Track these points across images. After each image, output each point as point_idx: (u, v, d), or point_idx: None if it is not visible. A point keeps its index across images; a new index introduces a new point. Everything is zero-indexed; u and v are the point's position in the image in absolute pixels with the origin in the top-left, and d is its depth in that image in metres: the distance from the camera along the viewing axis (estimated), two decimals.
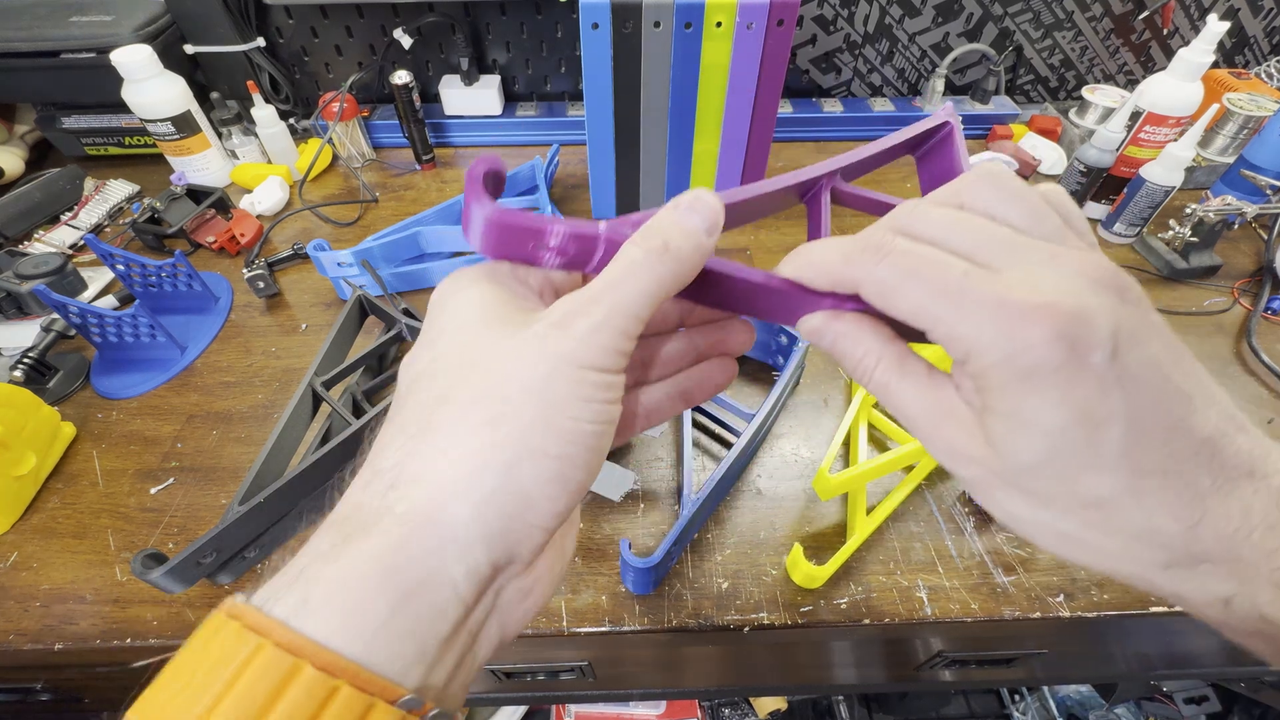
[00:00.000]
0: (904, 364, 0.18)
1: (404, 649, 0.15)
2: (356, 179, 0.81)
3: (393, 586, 0.15)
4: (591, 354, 0.17)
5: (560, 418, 0.16)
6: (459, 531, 0.16)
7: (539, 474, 0.16)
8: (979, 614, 0.42)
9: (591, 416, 0.17)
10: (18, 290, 0.59)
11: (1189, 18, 0.84)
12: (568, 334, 0.17)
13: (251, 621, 0.14)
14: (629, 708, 1.02)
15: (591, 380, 0.17)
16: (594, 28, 0.58)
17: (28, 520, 0.47)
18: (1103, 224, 0.72)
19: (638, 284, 0.17)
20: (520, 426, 0.16)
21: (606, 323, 0.17)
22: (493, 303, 0.18)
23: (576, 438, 0.17)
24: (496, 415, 0.16)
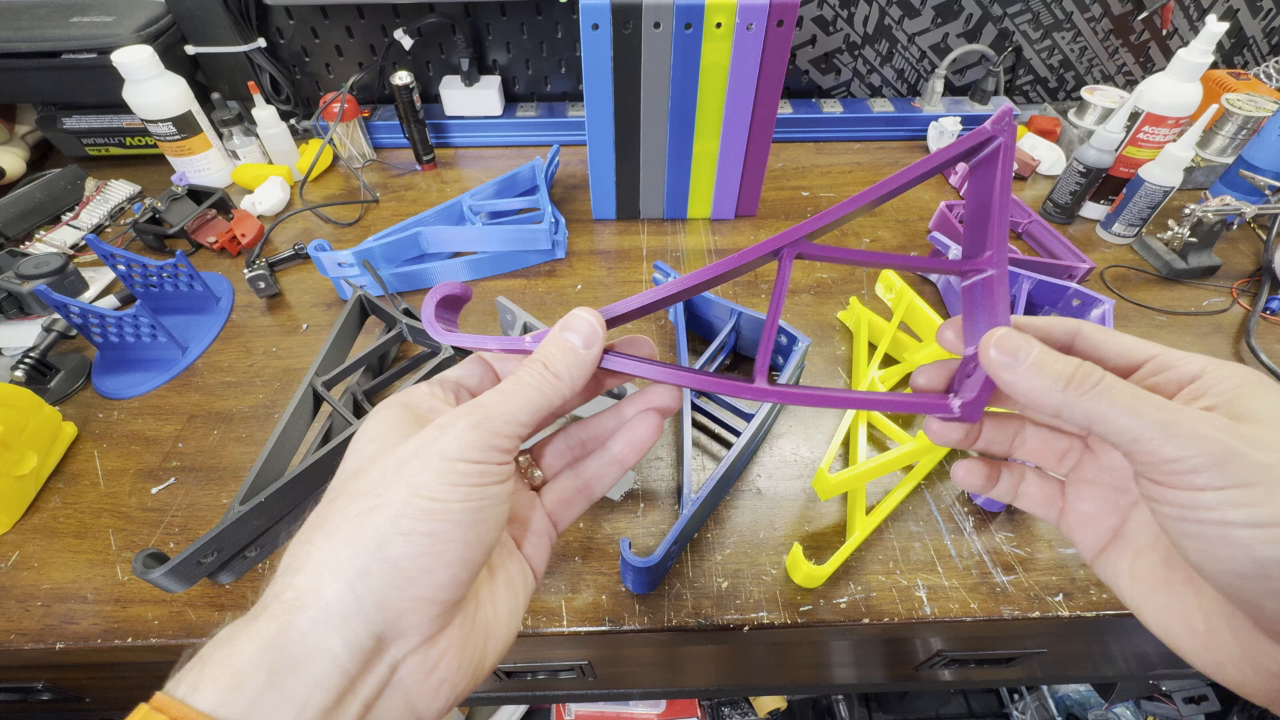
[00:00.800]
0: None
1: (280, 714, 0.17)
2: (357, 179, 0.81)
3: (269, 660, 0.17)
4: (460, 448, 0.20)
5: (424, 501, 0.19)
6: (334, 607, 0.18)
7: (408, 549, 0.18)
8: (978, 613, 0.42)
9: (459, 496, 0.19)
10: (19, 290, 0.59)
11: (1188, 18, 0.84)
12: (442, 435, 0.20)
13: (157, 703, 0.17)
14: (629, 707, 1.02)
15: (459, 470, 0.19)
16: (594, 28, 0.58)
17: (29, 520, 0.47)
18: (1102, 224, 0.72)
19: (519, 396, 0.21)
20: (391, 512, 0.19)
21: (482, 425, 0.20)
22: (398, 420, 0.22)
23: (443, 516, 0.19)
24: (371, 506, 0.19)
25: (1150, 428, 0.17)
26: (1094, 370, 0.19)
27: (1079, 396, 0.19)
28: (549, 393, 0.22)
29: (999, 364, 0.20)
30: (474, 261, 0.67)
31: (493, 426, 0.20)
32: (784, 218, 0.75)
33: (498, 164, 0.85)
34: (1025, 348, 0.20)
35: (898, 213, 0.76)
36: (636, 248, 0.71)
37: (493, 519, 0.20)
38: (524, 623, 0.42)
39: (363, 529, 0.19)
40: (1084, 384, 0.19)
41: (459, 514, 0.19)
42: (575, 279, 0.67)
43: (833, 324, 0.61)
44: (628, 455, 0.26)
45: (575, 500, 0.27)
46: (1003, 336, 0.20)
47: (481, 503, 0.20)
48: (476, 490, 0.20)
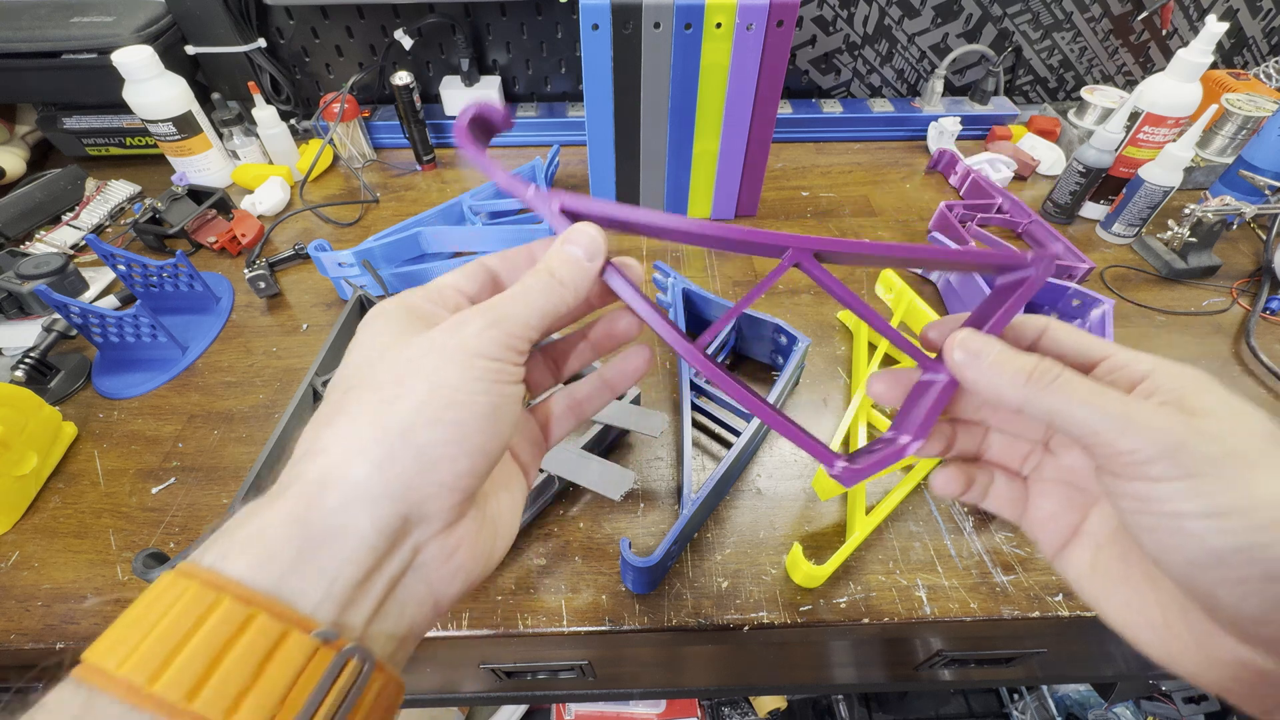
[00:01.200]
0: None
1: (312, 588, 0.17)
2: (357, 179, 0.81)
3: (299, 535, 0.17)
4: (481, 345, 0.20)
5: (450, 392, 0.19)
6: (362, 487, 0.18)
7: (434, 436, 0.19)
8: (978, 613, 0.42)
9: (482, 390, 0.20)
10: (19, 290, 0.59)
11: (1188, 18, 0.84)
12: (459, 331, 0.21)
13: (184, 569, 0.17)
14: (629, 707, 1.02)
15: (480, 365, 0.20)
16: (594, 29, 0.58)
17: (29, 520, 0.48)
18: (1101, 224, 0.72)
19: (527, 301, 0.22)
20: (415, 401, 0.19)
21: (495, 324, 0.21)
22: (402, 319, 0.22)
23: (468, 407, 0.19)
24: (393, 395, 0.19)
25: (1106, 420, 0.18)
26: (1053, 366, 0.20)
27: (1039, 391, 0.19)
28: (555, 299, 0.22)
29: (962, 364, 0.21)
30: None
31: (508, 327, 0.21)
32: (784, 218, 0.75)
33: (498, 164, 0.85)
34: (987, 347, 0.21)
35: (898, 213, 0.76)
36: (636, 248, 0.71)
37: (508, 416, 0.21)
38: (524, 622, 0.42)
39: (388, 414, 0.19)
40: (1043, 379, 0.19)
41: (481, 407, 0.20)
42: None
43: (833, 324, 0.61)
44: (617, 381, 0.27)
45: (565, 417, 0.27)
46: (965, 339, 0.21)
47: (500, 399, 0.20)
48: (496, 386, 0.20)
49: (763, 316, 0.53)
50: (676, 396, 0.54)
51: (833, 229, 0.73)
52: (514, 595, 0.43)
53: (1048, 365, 0.20)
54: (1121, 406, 0.18)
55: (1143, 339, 0.60)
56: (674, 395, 0.55)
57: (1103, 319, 0.55)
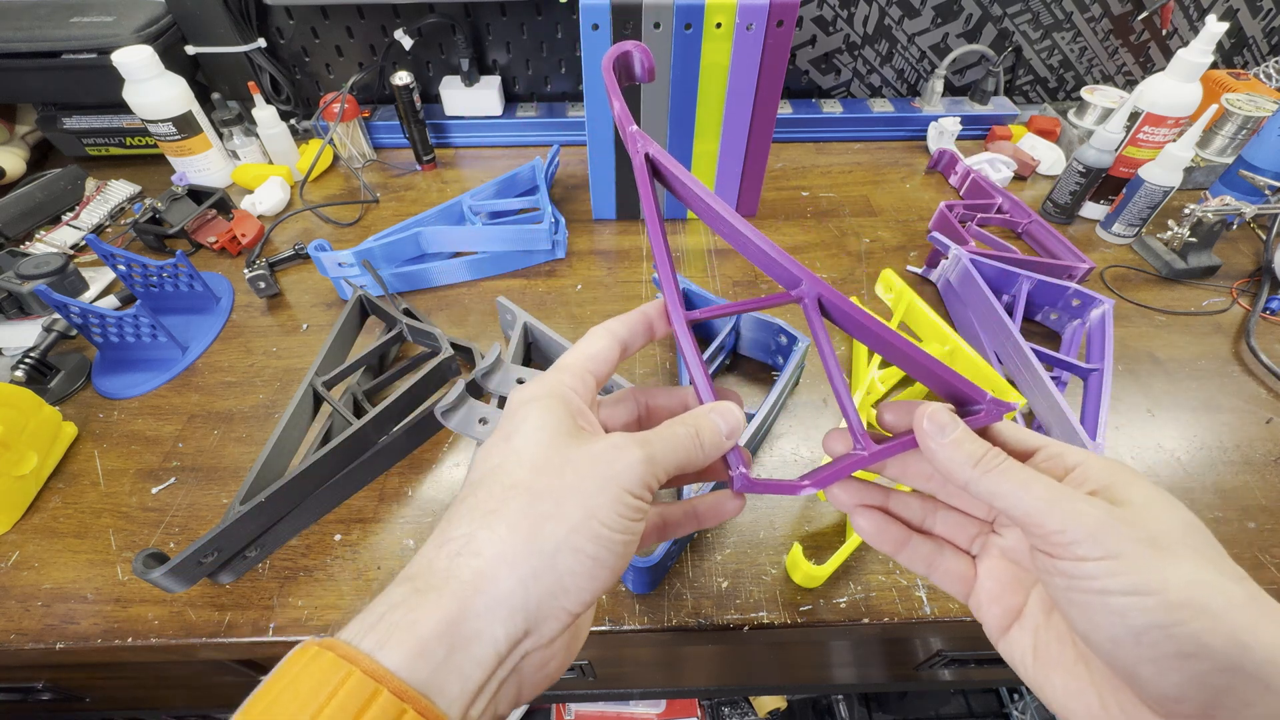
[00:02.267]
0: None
1: (452, 687, 0.18)
2: (357, 179, 0.81)
3: (450, 635, 0.19)
4: (632, 480, 0.21)
5: (598, 525, 0.20)
6: (505, 599, 0.20)
7: (574, 566, 0.20)
8: None
9: (622, 529, 0.21)
10: (19, 290, 0.59)
11: (1188, 18, 0.84)
12: (617, 459, 0.21)
13: (343, 653, 0.18)
14: (629, 706, 1.02)
15: (626, 501, 0.21)
16: (594, 29, 0.58)
17: (29, 520, 0.48)
18: (1101, 224, 0.72)
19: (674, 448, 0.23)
20: (567, 526, 0.20)
21: (650, 462, 0.22)
22: (562, 416, 0.23)
23: (608, 544, 0.20)
24: (550, 512, 0.20)
25: (1038, 503, 0.20)
26: (999, 454, 0.22)
27: (983, 474, 0.21)
28: (691, 457, 0.23)
29: (928, 433, 0.23)
30: (474, 261, 0.67)
31: (655, 469, 0.22)
32: (784, 218, 0.75)
33: (498, 164, 0.85)
34: (951, 426, 0.23)
35: (898, 213, 0.76)
36: (636, 248, 0.71)
37: (629, 555, 0.22)
38: None
39: (540, 533, 0.20)
40: (988, 464, 0.21)
41: (619, 545, 0.21)
42: (575, 279, 0.67)
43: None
44: (708, 519, 0.28)
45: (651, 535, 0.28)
46: (935, 411, 0.23)
47: (632, 538, 0.21)
48: (634, 524, 0.21)
49: (763, 317, 0.53)
50: None
51: (833, 229, 0.73)
52: None
53: (995, 453, 0.22)
54: (1052, 492, 0.20)
55: (1143, 339, 0.60)
56: None
57: (1103, 319, 0.55)
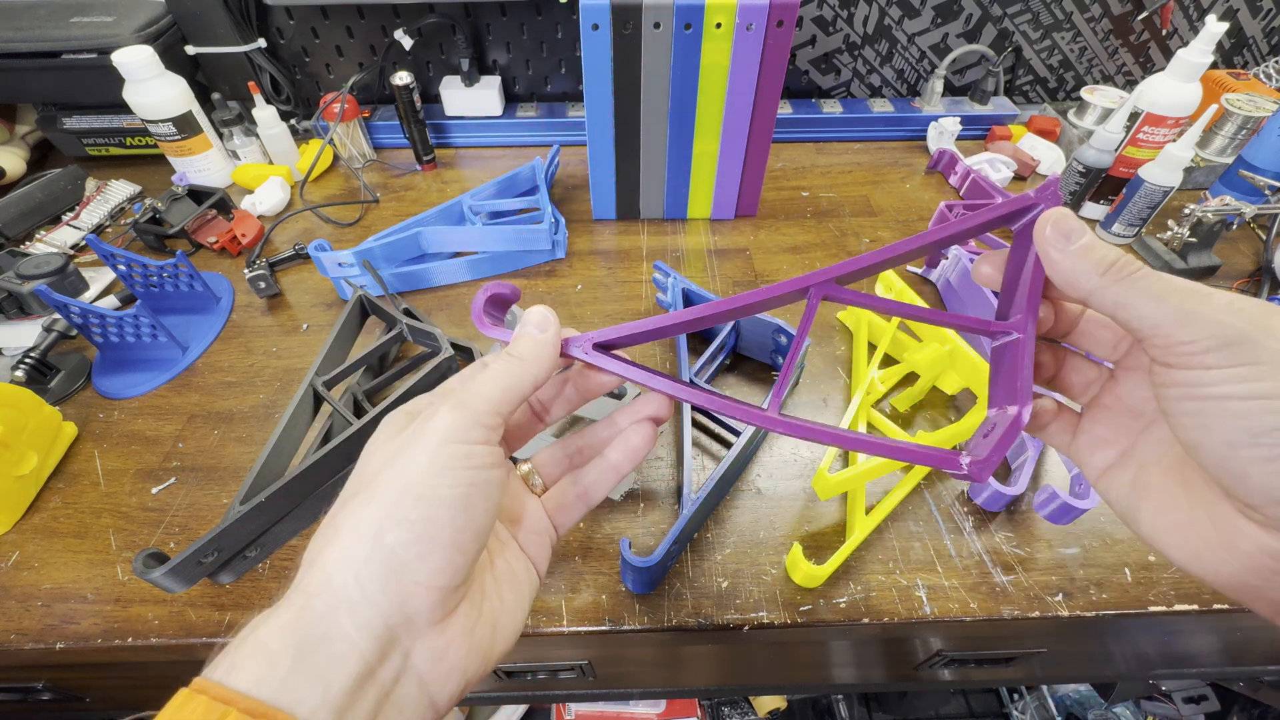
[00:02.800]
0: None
1: (310, 694, 0.18)
2: (357, 179, 0.81)
3: (295, 640, 0.19)
4: (447, 429, 0.21)
5: (418, 487, 0.20)
6: (342, 593, 0.19)
7: (402, 536, 0.20)
8: (978, 613, 0.42)
9: (449, 480, 0.21)
10: (19, 290, 0.59)
11: (1188, 18, 0.84)
12: (430, 421, 0.22)
13: (196, 686, 0.18)
14: (629, 707, 1.02)
15: (446, 452, 0.21)
16: (594, 29, 0.58)
17: (29, 520, 0.48)
18: (1101, 224, 0.72)
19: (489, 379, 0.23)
20: (386, 502, 0.20)
21: (459, 407, 0.22)
22: (398, 421, 0.24)
23: (435, 500, 0.20)
24: (368, 498, 0.21)
25: (1172, 313, 0.19)
26: (1133, 261, 0.20)
27: (1113, 283, 0.20)
28: (517, 372, 0.24)
29: (1051, 242, 0.21)
30: (474, 261, 0.67)
31: (471, 405, 0.22)
32: (784, 218, 0.75)
33: (498, 164, 0.85)
34: (1078, 232, 0.21)
35: (898, 213, 0.76)
36: (636, 248, 0.71)
37: (481, 505, 0.21)
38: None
39: (362, 521, 0.20)
40: (1121, 271, 0.20)
41: (448, 499, 0.20)
42: (575, 279, 0.67)
43: (833, 324, 0.61)
44: (623, 462, 0.28)
45: (574, 505, 0.28)
46: (1061, 218, 0.21)
47: (470, 488, 0.21)
48: (465, 474, 0.21)
49: (763, 316, 0.53)
50: None
51: (833, 229, 0.73)
52: None
53: (1128, 260, 0.20)
54: (1191, 303, 0.19)
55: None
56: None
57: None
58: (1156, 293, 0.19)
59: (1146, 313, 0.19)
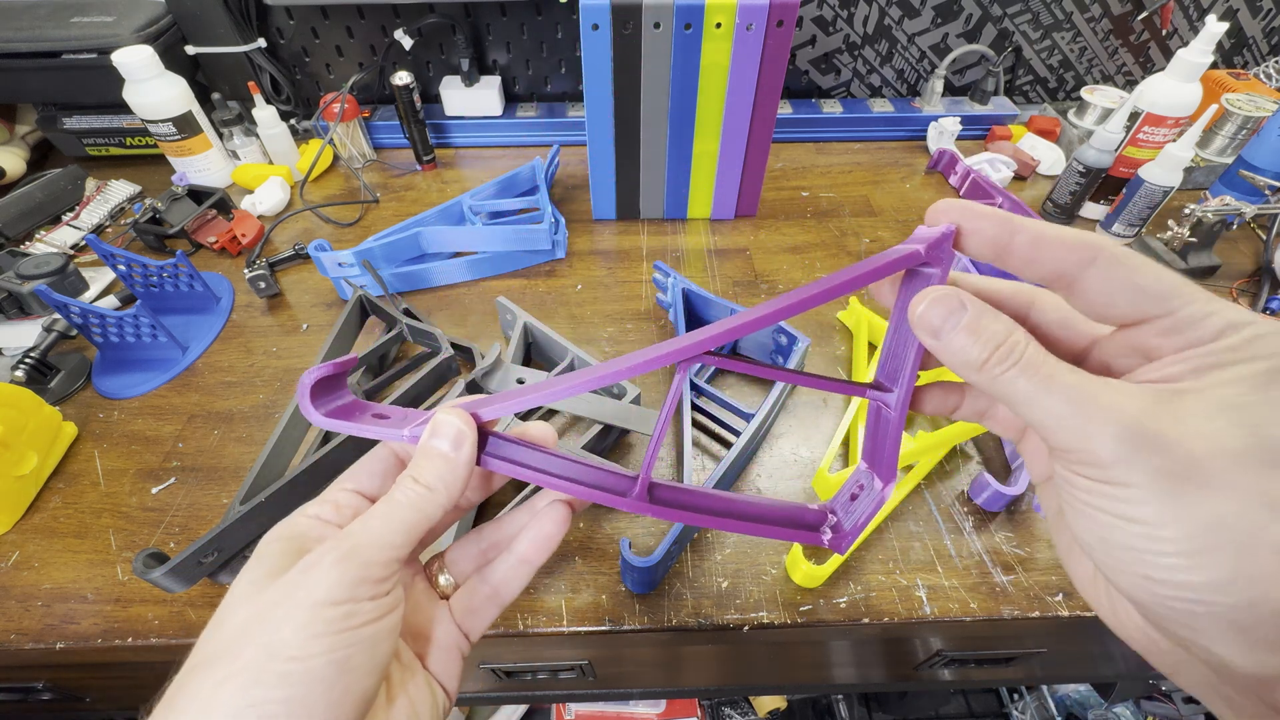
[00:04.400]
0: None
1: None
2: (357, 179, 0.81)
3: None
4: (327, 589, 0.18)
5: (281, 663, 0.17)
6: None
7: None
8: (978, 613, 0.42)
9: (323, 650, 0.18)
10: (19, 290, 0.59)
11: (1188, 18, 0.84)
12: (308, 575, 0.19)
13: None
14: (629, 707, 1.02)
15: (325, 615, 0.18)
16: (594, 29, 0.58)
17: (29, 520, 0.48)
18: (1101, 224, 0.72)
19: (391, 518, 0.20)
20: (241, 681, 0.17)
21: (345, 559, 0.19)
22: (272, 558, 0.20)
23: (303, 676, 0.17)
24: (224, 677, 0.17)
25: (1053, 416, 0.17)
26: (1018, 346, 0.17)
27: (990, 380, 0.18)
28: (425, 508, 0.20)
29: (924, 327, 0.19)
30: (474, 261, 0.67)
31: (363, 556, 0.19)
32: (784, 218, 0.75)
33: (498, 164, 0.85)
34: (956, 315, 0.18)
35: (898, 213, 0.76)
36: (636, 248, 0.71)
37: (365, 666, 0.19)
38: (524, 622, 0.42)
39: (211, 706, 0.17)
40: (1001, 364, 0.17)
41: (323, 670, 0.17)
42: (575, 279, 0.67)
43: (832, 324, 0.61)
44: (533, 554, 0.25)
45: (485, 608, 0.25)
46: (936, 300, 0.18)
47: (350, 650, 0.18)
48: (344, 637, 0.18)
49: None
50: None
51: (833, 229, 0.73)
52: None
53: (1011, 346, 0.17)
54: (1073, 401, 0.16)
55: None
56: None
57: None
58: (1037, 386, 0.17)
59: (1027, 409, 0.17)
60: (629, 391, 0.49)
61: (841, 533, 0.23)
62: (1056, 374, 0.17)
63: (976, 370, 0.18)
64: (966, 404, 0.23)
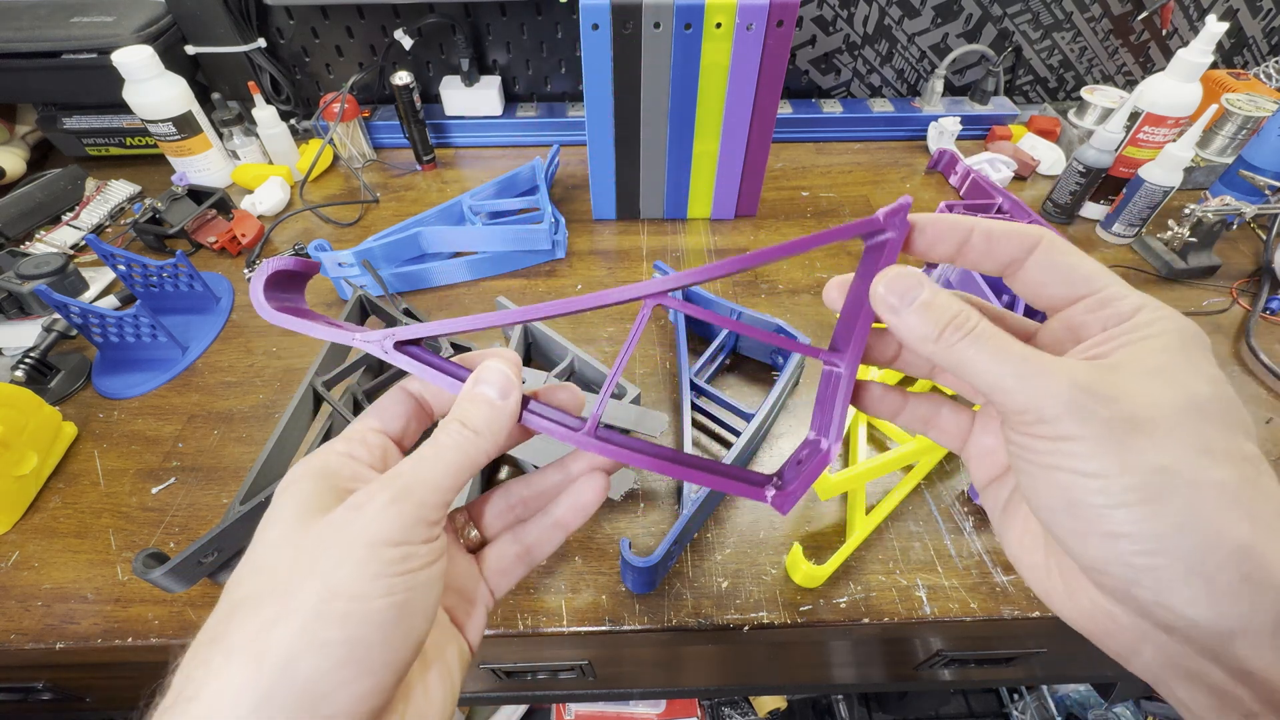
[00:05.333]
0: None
1: None
2: (357, 179, 0.81)
3: None
4: (384, 529, 0.18)
5: (343, 604, 0.17)
6: None
7: (322, 664, 0.16)
8: (978, 613, 0.42)
9: (383, 590, 0.17)
10: (19, 290, 0.59)
11: (1188, 18, 0.84)
12: (361, 513, 0.18)
13: None
14: (629, 707, 1.02)
15: (383, 557, 0.17)
16: (594, 29, 0.58)
17: (29, 520, 0.48)
18: (1101, 224, 0.72)
19: (440, 460, 0.20)
20: (300, 620, 0.16)
21: (400, 498, 0.18)
22: (309, 495, 0.19)
23: (366, 617, 0.17)
24: (279, 613, 0.17)
25: (1005, 379, 0.18)
26: (971, 318, 0.19)
27: (947, 347, 0.19)
28: (472, 452, 0.20)
29: (884, 302, 0.20)
30: (474, 261, 0.67)
31: (416, 497, 0.19)
32: (784, 218, 0.75)
33: (498, 164, 0.85)
34: (914, 289, 0.19)
35: None
36: (636, 248, 0.71)
37: (421, 610, 0.18)
38: (524, 622, 0.42)
39: (267, 644, 0.16)
40: (957, 332, 0.18)
41: (383, 613, 0.17)
42: (575, 279, 0.67)
43: (832, 323, 0.61)
44: (571, 519, 0.25)
45: (514, 567, 0.25)
46: (895, 277, 0.19)
47: (409, 594, 0.18)
48: (403, 580, 0.18)
49: (763, 317, 0.53)
50: (676, 396, 0.54)
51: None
52: (514, 595, 0.43)
53: (965, 317, 0.19)
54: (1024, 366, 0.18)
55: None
56: (674, 395, 0.55)
57: None
58: (989, 355, 0.18)
59: (983, 377, 0.18)
60: (629, 391, 0.49)
61: (785, 492, 0.23)
62: (1006, 343, 0.18)
63: (934, 342, 0.19)
64: (909, 409, 0.23)
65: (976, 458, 0.23)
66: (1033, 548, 0.21)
